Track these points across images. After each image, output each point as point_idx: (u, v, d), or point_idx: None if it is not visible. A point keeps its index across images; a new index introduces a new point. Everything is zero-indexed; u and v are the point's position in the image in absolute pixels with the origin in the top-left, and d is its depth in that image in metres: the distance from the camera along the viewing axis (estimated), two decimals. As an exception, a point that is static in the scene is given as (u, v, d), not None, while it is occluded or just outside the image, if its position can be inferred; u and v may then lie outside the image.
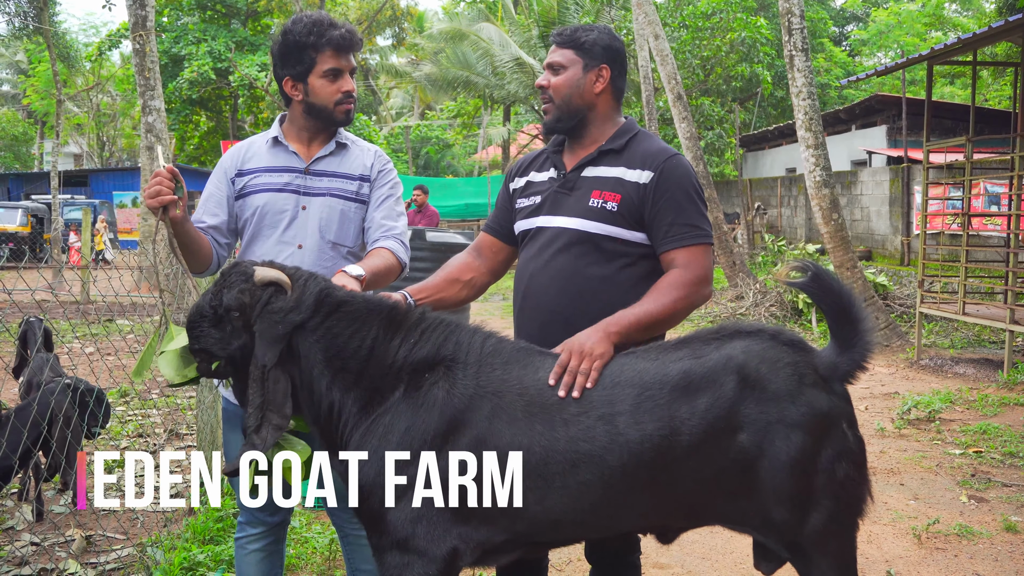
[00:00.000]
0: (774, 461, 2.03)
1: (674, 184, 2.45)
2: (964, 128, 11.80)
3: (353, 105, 2.73)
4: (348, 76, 2.68)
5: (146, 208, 3.09)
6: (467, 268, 2.73)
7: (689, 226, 2.44)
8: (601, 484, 2.04)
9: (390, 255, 2.68)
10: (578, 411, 2.07)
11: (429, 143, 41.34)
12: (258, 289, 2.18)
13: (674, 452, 2.03)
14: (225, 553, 3.80)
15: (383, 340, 2.17)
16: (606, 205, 2.47)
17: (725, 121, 23.28)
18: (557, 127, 2.60)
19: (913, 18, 32.02)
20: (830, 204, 10.08)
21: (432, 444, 2.06)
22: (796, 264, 2.27)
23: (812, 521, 2.07)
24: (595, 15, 23.31)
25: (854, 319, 2.17)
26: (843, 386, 2.16)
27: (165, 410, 6.77)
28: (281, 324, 2.13)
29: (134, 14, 10.78)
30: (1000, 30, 8.76)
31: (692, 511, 2.15)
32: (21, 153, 42.49)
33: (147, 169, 11.82)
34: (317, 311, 2.16)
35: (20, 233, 23.54)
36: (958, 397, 7.35)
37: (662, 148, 2.54)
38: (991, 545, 4.26)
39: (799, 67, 10.08)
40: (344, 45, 2.64)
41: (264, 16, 29.01)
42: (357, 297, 2.25)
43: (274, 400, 2.12)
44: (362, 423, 2.12)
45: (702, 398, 2.06)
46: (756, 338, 2.15)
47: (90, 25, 45.50)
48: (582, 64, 2.54)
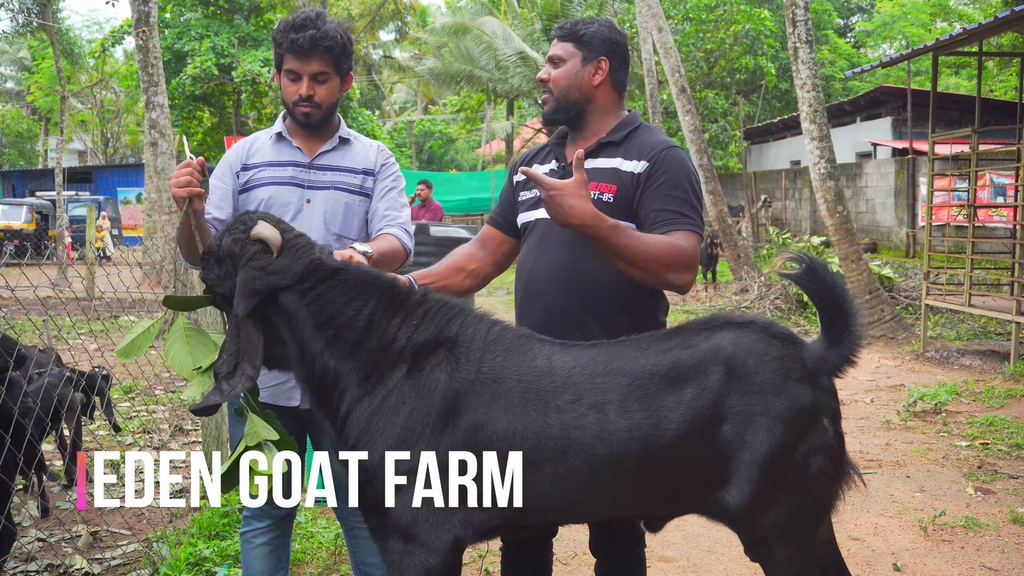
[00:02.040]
0: (754, 453, 2.05)
1: (666, 173, 2.43)
2: (970, 119, 11.76)
3: (311, 109, 2.69)
4: (307, 80, 2.65)
5: (150, 205, 3.11)
6: (471, 258, 2.74)
7: (676, 213, 2.40)
8: (590, 471, 2.06)
9: (395, 240, 2.70)
10: (572, 399, 2.08)
11: (432, 137, 41.33)
12: (249, 242, 2.22)
13: (661, 441, 2.05)
14: (231, 548, 3.80)
15: (382, 315, 2.18)
16: (602, 197, 2.46)
17: (729, 114, 23.24)
18: (555, 118, 2.60)
19: (918, 9, 31.89)
20: (835, 196, 10.04)
21: (434, 429, 2.08)
22: (791, 255, 2.25)
23: (778, 512, 2.08)
24: (599, 8, 23.26)
25: (845, 314, 2.17)
26: (830, 380, 2.16)
27: (170, 406, 6.77)
28: (258, 280, 2.16)
29: (137, 10, 10.77)
30: (1006, 20, 8.71)
31: (676, 499, 2.17)
32: (25, 150, 42.57)
33: (151, 165, 11.82)
34: (305, 279, 2.18)
35: (25, 230, 23.62)
36: (964, 389, 7.33)
37: (661, 140, 2.52)
38: (998, 537, 4.25)
39: (803, 59, 10.03)
40: (299, 51, 2.62)
41: (267, 12, 28.95)
42: (352, 267, 2.26)
43: (247, 350, 2.16)
44: (363, 400, 2.13)
45: (689, 388, 2.07)
46: (746, 330, 2.16)
47: (93, 21, 45.49)
48: (581, 57, 2.54)
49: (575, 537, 4.12)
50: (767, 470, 2.05)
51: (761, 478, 2.05)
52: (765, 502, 2.07)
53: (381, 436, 2.09)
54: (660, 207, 2.40)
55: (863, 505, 4.67)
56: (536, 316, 2.54)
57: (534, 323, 2.52)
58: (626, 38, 2.63)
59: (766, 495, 2.06)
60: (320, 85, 2.68)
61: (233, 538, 3.94)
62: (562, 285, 2.49)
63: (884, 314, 9.93)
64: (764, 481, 2.05)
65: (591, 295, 2.48)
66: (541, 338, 2.24)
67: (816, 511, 2.13)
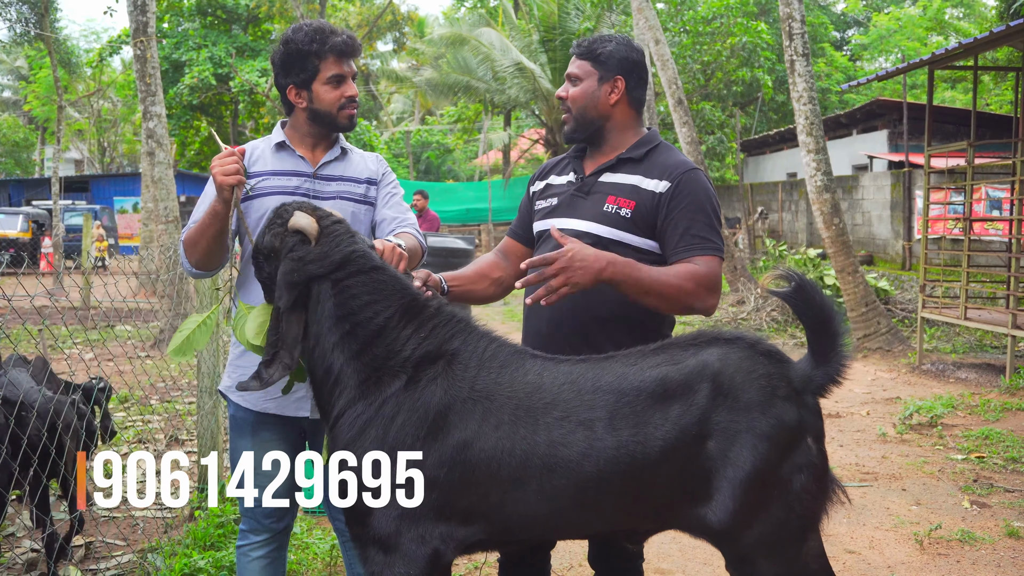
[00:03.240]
0: (737, 470, 2.05)
1: (690, 196, 2.48)
2: (965, 133, 11.79)
3: (356, 109, 2.79)
4: (350, 81, 2.72)
5: (146, 214, 3.08)
6: (496, 267, 2.79)
7: (701, 238, 2.46)
8: (576, 488, 2.06)
9: (413, 239, 2.73)
10: (560, 416, 2.08)
11: (430, 148, 41.36)
12: (287, 235, 2.25)
13: (647, 458, 2.05)
14: (226, 559, 3.79)
15: (396, 323, 2.20)
16: (620, 211, 2.50)
17: (726, 126, 23.29)
18: (574, 136, 2.66)
19: (914, 23, 32.06)
20: (831, 209, 10.07)
21: (423, 443, 2.08)
22: (780, 273, 2.26)
23: (762, 530, 2.08)
24: (596, 20, 23.32)
25: (832, 333, 2.18)
26: (815, 399, 2.17)
27: (165, 416, 6.76)
28: (297, 272, 2.20)
29: (135, 20, 10.80)
30: (1001, 35, 8.76)
31: (660, 515, 2.18)
32: (22, 159, 42.52)
33: (147, 175, 11.83)
34: (341, 267, 2.21)
35: (21, 239, 23.58)
36: (960, 402, 7.33)
37: (682, 161, 2.57)
38: (993, 551, 4.25)
39: (800, 72, 10.08)
40: (345, 51, 2.68)
41: (264, 22, 29.05)
42: (391, 270, 2.29)
43: (286, 342, 2.20)
44: (358, 403, 2.14)
45: (676, 405, 2.08)
46: (734, 346, 2.16)
47: (91, 31, 45.62)
48: (597, 76, 2.59)
49: (572, 549, 4.12)
50: (750, 487, 2.05)
51: (744, 495, 2.05)
52: (748, 519, 2.07)
53: (371, 444, 2.10)
54: (684, 230, 2.46)
55: (859, 518, 4.67)
56: (545, 323, 2.57)
57: (540, 333, 2.56)
58: (644, 56, 2.67)
59: (749, 512, 2.06)
60: (355, 84, 2.77)
61: (228, 549, 3.93)
62: (570, 296, 2.50)
63: (880, 326, 9.95)
64: (747, 498, 2.05)
65: (598, 307, 2.50)
66: (534, 353, 2.25)
67: (800, 528, 2.13)
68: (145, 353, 9.88)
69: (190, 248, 2.60)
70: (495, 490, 2.07)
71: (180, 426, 6.33)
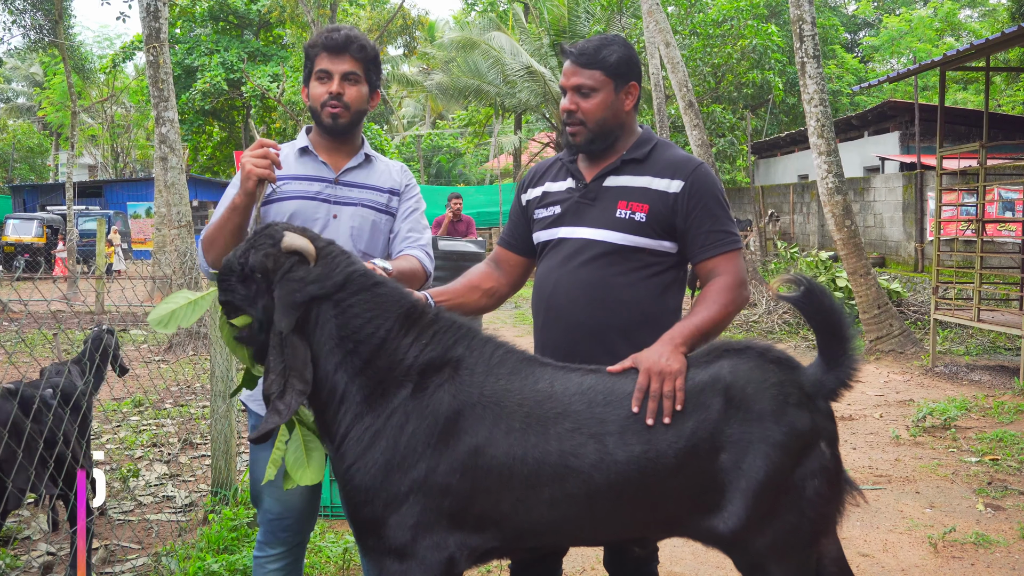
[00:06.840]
0: (750, 480, 2.05)
1: (707, 193, 2.47)
2: (977, 134, 11.75)
3: (340, 110, 2.67)
4: (337, 79, 2.65)
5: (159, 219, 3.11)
6: (488, 277, 2.73)
7: (724, 232, 2.46)
8: (587, 499, 2.06)
9: (416, 262, 2.69)
10: (571, 427, 2.08)
11: (440, 152, 41.46)
12: (282, 255, 2.17)
13: (659, 473, 2.06)
14: (240, 563, 3.80)
15: (396, 334, 2.17)
16: (634, 216, 2.46)
17: (737, 128, 23.24)
18: (592, 148, 2.54)
19: (925, 24, 31.94)
20: (843, 211, 10.04)
21: (434, 450, 2.07)
22: (789, 278, 2.25)
23: (774, 535, 2.08)
24: (606, 23, 23.31)
25: (842, 337, 2.18)
26: (827, 404, 2.17)
27: (179, 420, 6.79)
28: (299, 293, 2.13)
29: (148, 26, 10.86)
30: (1014, 36, 8.72)
31: (670, 524, 2.18)
32: (36, 165, 42.84)
33: (160, 180, 11.88)
34: (344, 287, 2.17)
35: (36, 244, 23.76)
36: (974, 404, 7.30)
37: (688, 157, 2.54)
38: (1008, 554, 4.23)
39: (811, 74, 10.06)
40: (333, 47, 2.63)
41: (276, 27, 29.16)
42: (390, 283, 2.27)
43: (294, 366, 2.12)
44: (365, 417, 2.12)
45: (689, 421, 2.08)
46: (744, 356, 2.16)
47: (104, 37, 45.77)
48: (613, 85, 2.49)
49: (584, 552, 4.12)
50: (763, 495, 2.05)
51: (756, 504, 2.05)
52: (760, 527, 2.07)
53: (382, 455, 2.08)
54: (709, 228, 2.45)
55: (873, 521, 4.66)
56: (560, 334, 2.53)
57: (558, 342, 2.52)
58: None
59: (761, 520, 2.06)
60: (351, 86, 2.66)
61: (242, 552, 3.95)
62: (588, 303, 2.48)
63: (893, 329, 9.91)
64: (759, 506, 2.05)
65: (617, 313, 2.47)
66: (544, 361, 2.24)
67: (813, 533, 2.13)
68: (159, 357, 9.94)
69: (208, 246, 2.56)
70: (507, 496, 2.07)
71: (194, 430, 6.36)
